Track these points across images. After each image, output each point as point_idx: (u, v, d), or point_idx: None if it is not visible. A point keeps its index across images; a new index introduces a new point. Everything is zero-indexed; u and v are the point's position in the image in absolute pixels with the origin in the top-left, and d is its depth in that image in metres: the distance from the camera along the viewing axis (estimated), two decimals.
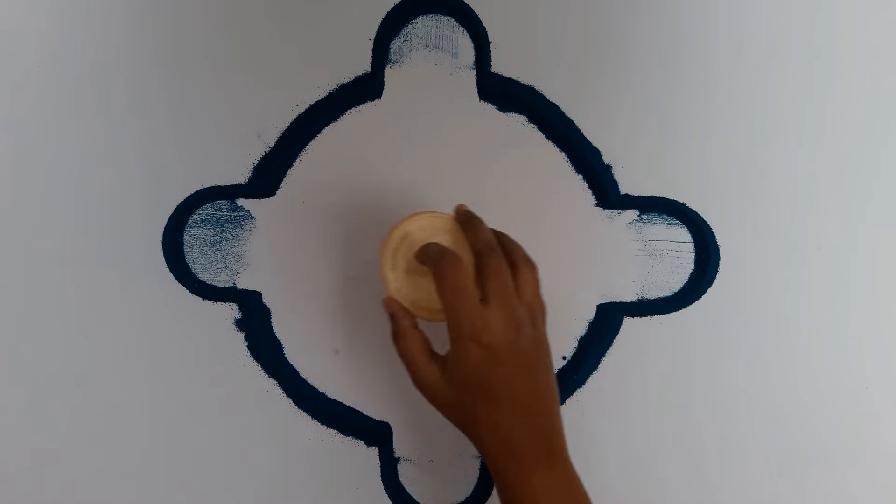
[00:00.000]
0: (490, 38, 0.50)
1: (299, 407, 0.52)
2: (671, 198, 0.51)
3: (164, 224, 0.51)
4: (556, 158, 0.51)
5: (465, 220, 0.44)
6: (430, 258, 0.42)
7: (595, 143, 0.50)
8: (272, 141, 0.51)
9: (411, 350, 0.42)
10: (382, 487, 0.52)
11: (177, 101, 0.50)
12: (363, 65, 0.50)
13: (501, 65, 0.50)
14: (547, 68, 0.50)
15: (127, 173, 0.51)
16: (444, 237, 0.44)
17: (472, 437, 0.42)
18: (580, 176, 0.51)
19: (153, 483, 0.52)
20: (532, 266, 0.43)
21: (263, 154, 0.51)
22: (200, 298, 0.51)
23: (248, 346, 0.51)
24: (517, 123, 0.51)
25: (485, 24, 0.50)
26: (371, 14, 0.50)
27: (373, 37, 0.50)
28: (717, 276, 0.51)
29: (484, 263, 0.41)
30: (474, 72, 0.50)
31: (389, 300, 0.44)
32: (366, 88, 0.50)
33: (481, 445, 0.41)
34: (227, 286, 0.51)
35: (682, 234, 0.51)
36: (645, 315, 0.51)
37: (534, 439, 0.40)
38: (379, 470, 0.52)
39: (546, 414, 0.41)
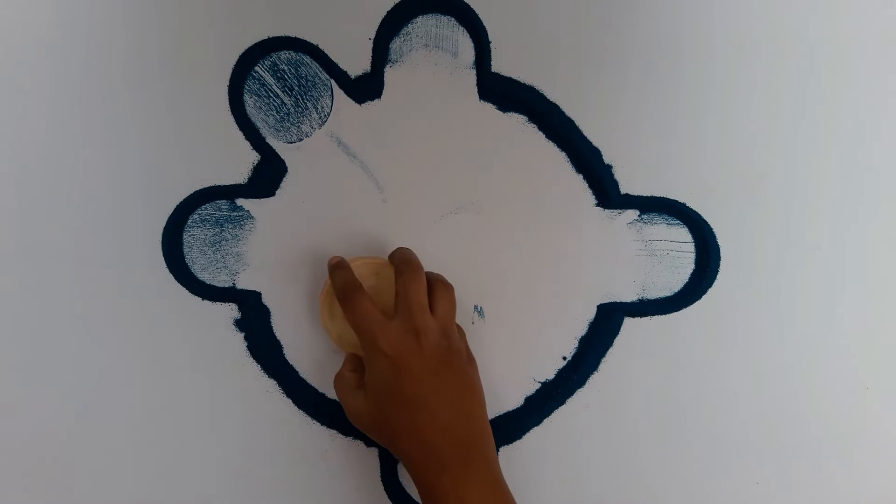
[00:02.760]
0: (490, 38, 0.50)
1: (299, 407, 0.51)
2: (671, 198, 0.51)
3: (163, 224, 0.51)
4: (557, 158, 0.51)
5: (398, 255, 0.48)
6: (339, 294, 0.46)
7: (595, 143, 0.50)
8: None
9: (340, 387, 0.46)
10: (382, 488, 0.52)
11: (177, 100, 0.50)
12: (363, 64, 0.50)
13: (501, 64, 0.50)
14: (547, 68, 0.50)
15: (127, 173, 0.51)
16: (372, 280, 0.48)
17: (393, 448, 0.44)
18: (580, 176, 0.51)
19: (152, 483, 0.52)
20: (447, 287, 0.47)
21: (263, 154, 0.51)
22: (200, 298, 0.51)
23: (247, 347, 0.51)
24: (517, 123, 0.51)
25: (485, 23, 0.50)
26: (371, 14, 0.50)
27: (373, 36, 0.50)
28: (718, 276, 0.51)
29: (398, 280, 0.45)
30: (474, 71, 0.50)
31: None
32: (366, 88, 0.50)
33: (399, 453, 0.44)
34: (226, 286, 0.51)
35: (682, 234, 0.51)
36: (645, 315, 0.51)
37: (446, 442, 0.42)
38: (379, 471, 0.52)
39: (459, 417, 0.43)
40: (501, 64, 0.50)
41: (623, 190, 0.51)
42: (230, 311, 0.51)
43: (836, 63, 0.50)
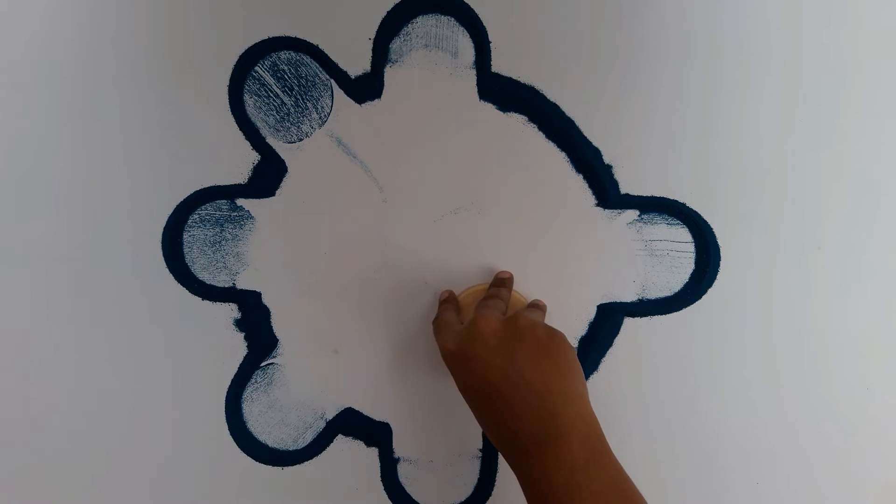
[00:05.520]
0: (490, 38, 0.50)
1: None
2: (671, 198, 0.51)
3: (163, 224, 0.51)
4: (557, 158, 0.51)
5: (495, 283, 0.50)
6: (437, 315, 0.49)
7: (595, 143, 0.50)
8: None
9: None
10: (382, 488, 0.52)
11: (176, 100, 0.50)
12: (363, 64, 0.50)
13: (501, 64, 0.50)
14: (547, 68, 0.50)
15: (127, 173, 0.51)
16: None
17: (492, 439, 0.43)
18: (580, 176, 0.51)
19: (153, 482, 0.52)
20: (536, 303, 0.49)
21: (263, 154, 0.51)
22: (200, 298, 0.51)
23: (247, 346, 0.52)
24: (517, 123, 0.51)
25: (485, 23, 0.50)
26: (371, 14, 0.50)
27: (373, 36, 0.50)
28: (718, 276, 0.51)
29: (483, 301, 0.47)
30: (474, 71, 0.50)
31: None
32: (366, 88, 0.50)
33: (491, 440, 0.42)
34: (226, 286, 0.51)
35: (682, 234, 0.51)
36: (645, 315, 0.51)
37: (523, 427, 0.39)
38: (379, 470, 0.52)
39: (532, 399, 0.40)
40: (501, 64, 0.50)
41: (623, 190, 0.51)
42: (230, 311, 0.51)
43: (835, 63, 0.50)
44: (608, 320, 0.51)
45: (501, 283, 0.49)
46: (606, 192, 0.51)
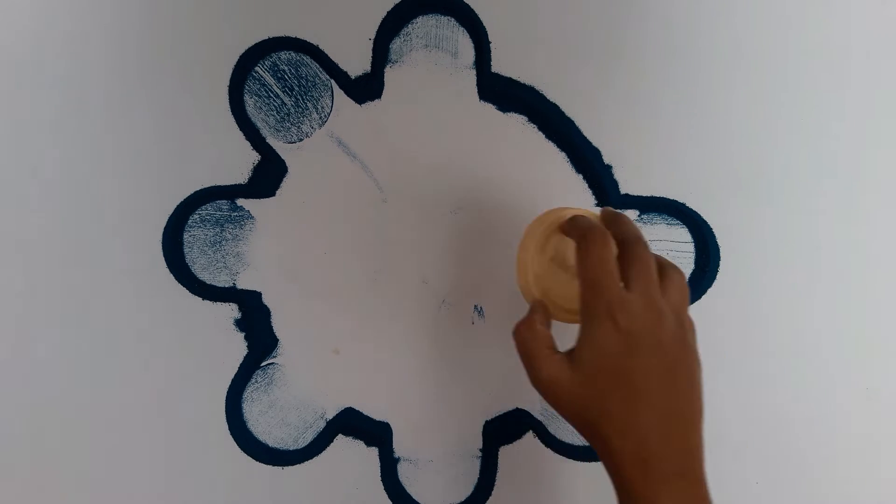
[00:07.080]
0: (490, 38, 0.50)
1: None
2: (671, 198, 0.51)
3: (163, 224, 0.51)
4: (557, 158, 0.51)
5: (612, 218, 0.41)
6: (577, 228, 0.39)
7: (595, 143, 0.50)
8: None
9: (534, 346, 0.38)
10: (382, 488, 0.52)
11: (177, 100, 0.50)
12: (363, 64, 0.50)
13: (501, 65, 0.50)
14: (547, 68, 0.50)
15: (126, 173, 0.51)
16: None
17: (597, 439, 0.37)
18: (580, 176, 0.51)
19: (153, 482, 0.52)
20: (680, 271, 0.39)
21: (263, 154, 0.51)
22: (200, 298, 0.51)
23: (247, 346, 0.52)
24: (517, 123, 0.51)
25: (485, 23, 0.50)
26: (371, 14, 0.50)
27: (373, 36, 0.50)
28: (717, 277, 0.51)
29: (630, 251, 0.37)
30: (474, 72, 0.50)
31: (536, 301, 0.41)
32: (366, 88, 0.50)
33: (607, 448, 0.36)
34: (226, 286, 0.51)
35: (682, 234, 0.51)
36: None
37: (668, 449, 0.35)
38: (379, 470, 0.52)
39: (685, 423, 0.36)
40: (501, 64, 0.50)
41: (623, 190, 0.51)
42: (230, 311, 0.51)
43: (835, 62, 0.50)
44: None
45: (622, 221, 0.40)
46: (606, 192, 0.51)
